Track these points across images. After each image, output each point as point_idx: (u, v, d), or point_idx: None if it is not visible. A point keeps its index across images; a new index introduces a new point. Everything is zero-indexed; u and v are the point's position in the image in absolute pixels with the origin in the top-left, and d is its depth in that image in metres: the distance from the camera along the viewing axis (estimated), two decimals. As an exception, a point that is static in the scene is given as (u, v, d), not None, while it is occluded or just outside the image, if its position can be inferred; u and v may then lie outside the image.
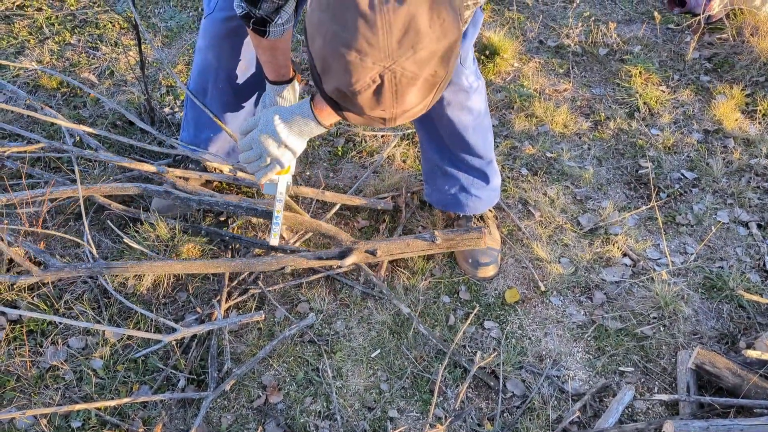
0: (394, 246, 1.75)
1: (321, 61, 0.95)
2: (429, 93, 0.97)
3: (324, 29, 0.92)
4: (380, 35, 0.88)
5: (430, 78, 0.95)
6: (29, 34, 2.68)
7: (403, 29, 0.89)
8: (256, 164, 1.41)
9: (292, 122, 1.35)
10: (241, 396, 1.65)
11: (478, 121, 1.77)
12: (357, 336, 1.78)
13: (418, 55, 0.91)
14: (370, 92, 0.94)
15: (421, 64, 0.92)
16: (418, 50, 0.91)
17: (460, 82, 1.66)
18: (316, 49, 0.95)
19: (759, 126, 2.45)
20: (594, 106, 2.55)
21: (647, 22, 2.96)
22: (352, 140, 2.33)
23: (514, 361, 1.74)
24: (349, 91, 0.94)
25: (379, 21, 0.88)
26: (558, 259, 1.99)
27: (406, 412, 1.64)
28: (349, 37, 0.89)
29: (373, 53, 0.89)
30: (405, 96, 0.95)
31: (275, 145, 1.37)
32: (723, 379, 1.61)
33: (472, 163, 1.84)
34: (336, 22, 0.90)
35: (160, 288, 1.82)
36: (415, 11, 0.89)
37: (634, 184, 2.25)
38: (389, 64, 0.90)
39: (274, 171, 1.43)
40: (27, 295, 1.77)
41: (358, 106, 0.97)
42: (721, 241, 2.06)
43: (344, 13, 0.89)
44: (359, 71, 0.91)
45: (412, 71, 0.92)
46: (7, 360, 1.65)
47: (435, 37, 0.91)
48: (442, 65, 0.95)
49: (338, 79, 0.94)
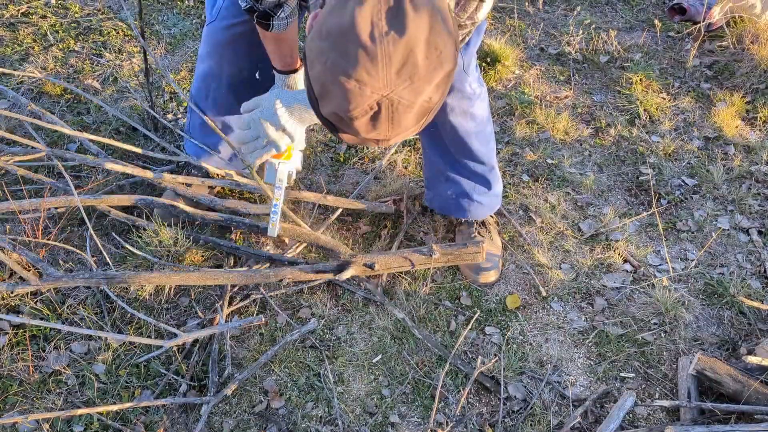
0: (392, 260, 1.75)
1: (319, 86, 0.97)
2: (423, 117, 1.00)
3: (324, 58, 0.94)
4: (380, 66, 0.90)
5: (425, 104, 0.98)
6: (33, 41, 2.70)
7: (402, 61, 0.91)
8: (252, 145, 1.41)
9: (293, 108, 1.35)
10: (243, 401, 1.65)
11: (481, 127, 1.78)
12: (358, 341, 1.79)
13: (415, 85, 0.93)
14: (366, 118, 0.96)
15: (417, 93, 0.94)
16: (415, 81, 0.93)
17: (463, 88, 1.67)
18: (315, 75, 0.97)
19: (759, 133, 2.46)
20: (595, 113, 2.56)
21: (648, 29, 2.97)
22: (354, 146, 2.34)
23: (515, 367, 1.74)
24: (347, 117, 0.96)
25: (379, 53, 0.90)
26: (559, 265, 1.99)
27: (407, 417, 1.65)
28: (349, 66, 0.91)
29: (372, 83, 0.92)
30: (400, 121, 0.97)
31: (273, 128, 1.37)
32: (724, 385, 1.61)
33: (474, 168, 1.85)
34: (336, 51, 0.92)
35: (162, 293, 1.83)
36: (414, 44, 0.91)
37: (634, 190, 2.26)
38: (387, 93, 0.93)
39: (270, 153, 1.42)
40: (30, 300, 1.78)
41: (354, 130, 0.99)
42: (722, 248, 2.07)
43: (345, 44, 0.91)
44: (357, 99, 0.93)
45: (409, 99, 0.95)
46: (10, 364, 1.65)
47: (432, 67, 0.93)
48: (437, 92, 0.98)
49: (336, 105, 0.96)
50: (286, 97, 1.39)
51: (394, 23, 0.90)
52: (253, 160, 1.44)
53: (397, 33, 0.90)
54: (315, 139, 2.36)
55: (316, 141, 2.35)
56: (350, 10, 0.91)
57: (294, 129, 1.39)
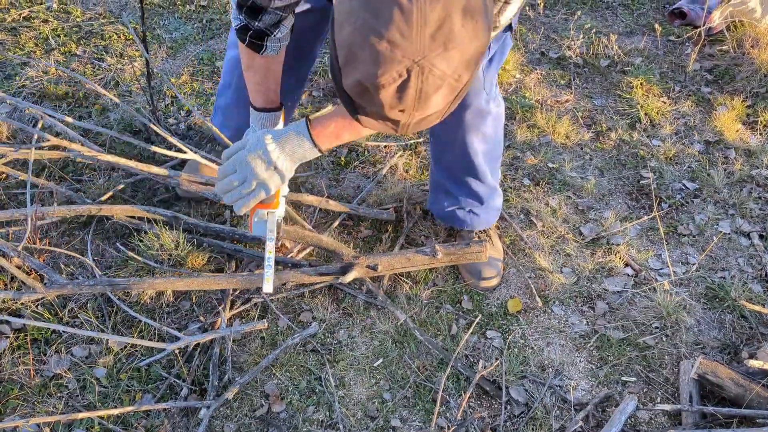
0: (395, 261, 1.75)
1: (346, 51, 0.91)
2: (449, 97, 0.95)
3: (354, 17, 0.89)
4: (414, 27, 0.85)
5: (454, 82, 0.92)
6: (35, 45, 2.70)
7: (438, 24, 0.86)
8: (238, 191, 1.30)
9: (286, 141, 1.28)
10: (244, 405, 1.65)
11: (490, 147, 1.76)
12: (360, 345, 1.79)
13: (449, 54, 0.88)
14: (393, 87, 0.90)
15: (449, 63, 0.89)
16: (449, 48, 0.88)
17: (481, 106, 1.63)
18: (344, 37, 0.91)
19: (760, 137, 2.46)
20: (595, 117, 2.56)
21: (648, 34, 2.98)
22: (355, 150, 2.34)
23: (517, 371, 1.74)
24: (372, 85, 0.91)
25: (415, 12, 0.85)
26: (560, 269, 1.99)
27: (408, 421, 1.64)
28: (382, 26, 0.86)
29: (405, 45, 0.86)
30: (429, 95, 0.92)
31: (264, 166, 1.28)
32: (725, 389, 1.61)
33: (475, 188, 1.84)
34: (369, 11, 0.87)
35: (163, 297, 1.82)
36: (452, 7, 0.86)
37: (635, 194, 2.26)
38: (419, 59, 0.87)
39: (258, 198, 1.31)
40: (31, 304, 1.78)
41: (377, 103, 0.93)
42: (723, 252, 2.07)
43: (379, 2, 0.86)
44: (387, 63, 0.88)
45: (441, 70, 0.90)
46: (11, 368, 1.65)
47: (468, 37, 0.89)
48: (468, 69, 0.93)
49: (363, 71, 0.90)
50: (275, 132, 1.31)
51: None
52: (239, 209, 1.32)
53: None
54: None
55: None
56: None
57: (285, 166, 1.30)
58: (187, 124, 2.38)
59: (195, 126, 2.38)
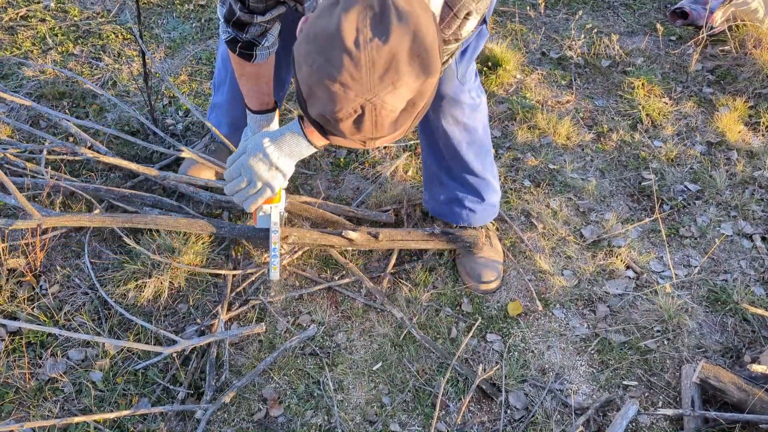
0: (395, 232, 1.81)
1: (307, 88, 1.00)
2: (407, 121, 1.03)
3: (311, 60, 0.97)
4: (363, 71, 0.94)
5: (410, 108, 1.01)
6: (32, 44, 2.69)
7: (385, 67, 0.94)
8: (245, 191, 1.41)
9: (282, 142, 1.36)
10: (242, 409, 1.63)
11: (474, 137, 1.77)
12: (359, 348, 1.77)
13: (398, 91, 0.97)
14: (351, 120, 0.99)
15: (400, 98, 0.98)
16: (398, 86, 0.96)
17: (458, 97, 1.66)
18: (303, 77, 1.00)
19: (762, 138, 2.44)
20: (597, 117, 2.54)
21: (650, 34, 2.96)
22: (354, 151, 2.33)
23: (517, 375, 1.72)
24: (332, 118, 1.00)
25: (363, 58, 0.93)
26: (561, 272, 1.98)
27: (407, 425, 1.63)
28: (334, 70, 0.94)
29: (356, 87, 0.95)
30: (385, 125, 1.00)
31: (266, 167, 1.38)
32: (728, 394, 1.60)
33: (466, 178, 1.84)
34: (322, 55, 0.95)
35: (160, 299, 1.81)
36: (397, 51, 0.94)
37: (637, 196, 2.24)
38: (370, 97, 0.96)
39: (265, 197, 1.41)
40: (27, 306, 1.76)
41: (340, 131, 1.02)
42: (725, 254, 2.05)
43: (331, 48, 0.94)
44: (342, 101, 0.96)
45: (392, 104, 0.98)
46: (6, 372, 1.64)
47: (415, 74, 0.97)
48: (422, 98, 1.01)
49: (322, 107, 0.99)
50: (272, 134, 1.39)
51: (378, 30, 0.93)
52: (248, 207, 1.44)
53: (380, 39, 0.93)
54: (315, 144, 2.34)
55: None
56: (337, 15, 0.94)
57: (285, 165, 1.39)
58: (185, 124, 2.36)
59: (193, 126, 2.37)
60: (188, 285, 1.86)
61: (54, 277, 1.85)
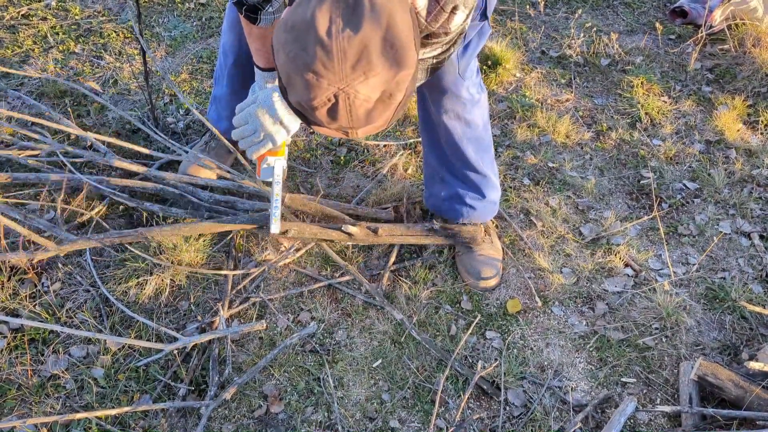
0: (395, 228, 1.83)
1: (285, 76, 1.03)
2: (385, 112, 1.04)
3: (287, 49, 0.99)
4: (335, 60, 0.96)
5: (386, 99, 1.02)
6: (34, 43, 2.69)
7: (357, 57, 0.96)
8: (250, 139, 1.47)
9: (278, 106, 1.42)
10: (242, 406, 1.64)
11: (474, 133, 1.77)
12: (359, 345, 1.78)
13: (370, 81, 0.98)
14: (325, 109, 1.01)
15: (373, 88, 0.99)
16: (370, 76, 0.98)
17: (459, 92, 1.67)
18: (281, 65, 1.03)
19: (761, 137, 2.45)
20: (596, 116, 2.55)
21: (649, 32, 2.97)
22: (354, 149, 2.34)
23: (516, 372, 1.73)
24: (308, 106, 1.02)
25: (335, 48, 0.95)
26: (560, 269, 1.98)
27: (407, 422, 1.64)
28: (308, 59, 0.97)
29: (329, 76, 0.97)
30: (360, 115, 1.02)
31: (271, 121, 1.43)
32: (725, 391, 1.61)
33: (466, 174, 1.84)
34: (297, 44, 0.98)
35: (161, 297, 1.82)
36: (369, 41, 0.96)
37: (636, 194, 2.25)
38: (343, 87, 0.98)
39: (266, 148, 1.47)
40: (28, 303, 1.77)
41: (317, 120, 1.05)
42: (723, 252, 2.06)
43: (305, 37, 0.97)
44: (316, 90, 0.99)
45: (365, 94, 0.99)
46: (8, 368, 1.65)
47: (388, 65, 0.98)
48: (399, 90, 1.02)
49: (298, 95, 1.02)
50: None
51: (350, 21, 0.95)
52: (251, 155, 1.49)
53: (352, 30, 0.95)
54: (315, 142, 2.35)
55: (316, 143, 2.35)
56: (312, 5, 0.97)
57: (290, 121, 1.44)
58: (186, 123, 2.37)
59: (194, 124, 2.37)
60: (189, 282, 1.87)
61: (56, 275, 1.86)
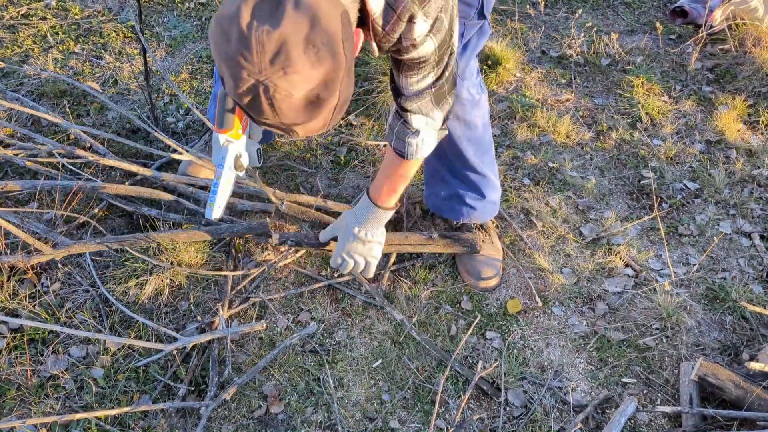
0: (393, 237, 1.82)
1: (218, 66, 1.06)
2: (318, 112, 1.06)
3: (216, 38, 1.02)
4: (253, 53, 0.98)
5: (314, 99, 1.04)
6: (33, 42, 2.69)
7: (275, 51, 0.98)
8: (356, 270, 1.68)
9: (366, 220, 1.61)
10: (242, 406, 1.64)
11: (474, 134, 1.77)
12: (358, 346, 1.78)
13: (290, 77, 1.00)
14: (248, 100, 1.03)
15: (294, 85, 1.01)
16: (289, 72, 0.99)
17: (458, 93, 1.65)
18: (214, 55, 1.05)
19: (761, 137, 2.45)
20: (596, 116, 2.55)
21: (649, 32, 2.97)
22: (354, 149, 2.34)
23: (516, 372, 1.73)
24: (235, 96, 1.04)
25: (253, 40, 0.98)
26: (560, 269, 1.98)
27: (407, 422, 1.64)
28: (230, 50, 1.00)
29: (248, 67, 0.99)
30: (284, 110, 1.03)
31: (362, 246, 1.64)
32: (726, 392, 1.60)
33: (466, 174, 1.84)
34: (222, 35, 1.01)
35: (161, 297, 1.82)
36: (288, 37, 0.98)
37: (636, 194, 2.25)
38: (262, 79, 1.00)
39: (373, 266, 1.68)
40: (28, 303, 1.77)
41: (249, 111, 1.07)
42: (724, 252, 2.06)
43: (229, 29, 1.00)
44: (238, 80, 1.01)
45: (286, 89, 1.01)
46: (8, 369, 1.65)
47: (308, 63, 1.00)
48: (326, 90, 1.04)
49: (227, 84, 1.05)
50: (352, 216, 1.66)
51: (272, 16, 0.98)
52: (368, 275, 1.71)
53: (272, 25, 0.97)
54: (315, 142, 2.35)
55: (316, 144, 2.34)
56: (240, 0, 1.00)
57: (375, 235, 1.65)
58: (186, 122, 2.37)
59: (194, 124, 2.37)
60: (189, 283, 1.87)
61: (55, 275, 1.86)
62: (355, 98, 2.52)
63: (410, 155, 1.49)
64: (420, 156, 1.50)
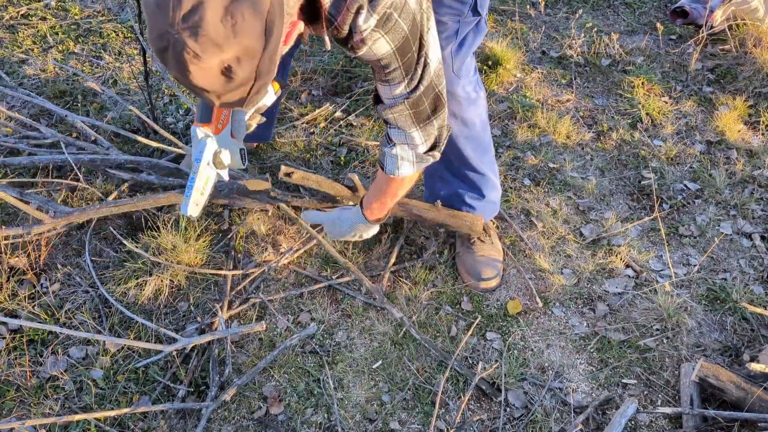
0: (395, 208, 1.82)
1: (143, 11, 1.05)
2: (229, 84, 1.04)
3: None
4: (170, 6, 0.96)
5: (227, 73, 1.02)
6: (33, 43, 2.69)
7: (190, 9, 0.96)
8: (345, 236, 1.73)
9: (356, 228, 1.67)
10: (242, 407, 1.64)
11: (472, 132, 1.76)
12: (359, 347, 1.78)
13: (200, 39, 0.97)
14: (157, 48, 1.01)
15: (203, 48, 0.98)
16: (200, 34, 0.97)
17: (454, 91, 1.65)
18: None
19: (762, 137, 2.45)
20: (596, 116, 2.54)
21: (650, 33, 2.96)
22: (354, 150, 2.33)
23: (516, 373, 1.73)
24: (150, 42, 1.03)
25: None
26: (560, 270, 1.98)
27: (407, 424, 1.63)
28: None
29: (162, 17, 0.98)
30: (192, 72, 1.01)
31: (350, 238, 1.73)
32: (726, 393, 1.60)
33: (465, 173, 1.84)
34: None
35: (161, 297, 1.82)
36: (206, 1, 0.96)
37: (636, 195, 2.25)
38: (173, 32, 0.98)
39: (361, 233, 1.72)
40: (27, 304, 1.77)
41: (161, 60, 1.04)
42: (725, 253, 2.05)
43: None
44: (153, 27, 1.00)
45: (194, 50, 0.98)
46: (7, 369, 1.64)
47: (222, 32, 0.97)
48: (239, 65, 1.01)
49: (148, 29, 1.03)
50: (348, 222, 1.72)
51: None
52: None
53: None
54: (315, 142, 2.35)
55: (316, 144, 2.34)
56: None
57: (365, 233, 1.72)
58: (185, 123, 2.37)
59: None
60: (189, 283, 1.87)
61: (55, 275, 1.86)
62: (355, 98, 2.52)
63: (390, 170, 1.47)
64: (399, 174, 1.48)
